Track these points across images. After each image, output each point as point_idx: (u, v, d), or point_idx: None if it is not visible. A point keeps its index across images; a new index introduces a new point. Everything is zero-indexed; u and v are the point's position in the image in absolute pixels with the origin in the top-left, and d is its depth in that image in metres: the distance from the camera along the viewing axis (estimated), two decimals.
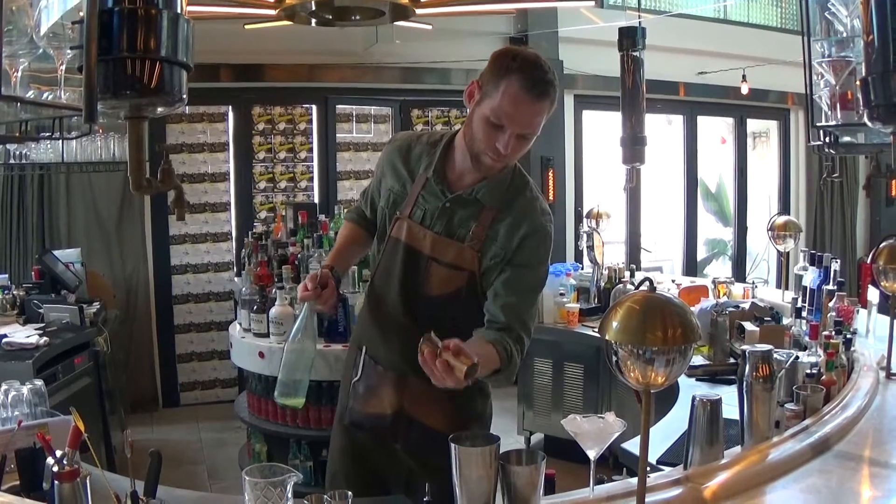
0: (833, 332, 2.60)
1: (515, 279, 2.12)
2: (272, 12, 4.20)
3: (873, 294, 3.32)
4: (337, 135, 6.73)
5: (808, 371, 2.36)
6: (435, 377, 1.80)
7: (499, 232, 2.14)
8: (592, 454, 1.70)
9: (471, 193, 2.15)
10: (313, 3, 4.03)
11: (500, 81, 1.98)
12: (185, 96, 1.43)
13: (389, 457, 2.30)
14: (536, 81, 1.97)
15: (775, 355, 2.02)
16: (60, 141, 4.16)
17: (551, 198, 6.87)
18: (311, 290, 2.13)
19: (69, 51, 1.66)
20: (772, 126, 8.81)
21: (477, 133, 2.05)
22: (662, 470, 1.99)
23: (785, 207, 8.36)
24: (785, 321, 3.52)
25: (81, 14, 1.36)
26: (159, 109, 1.43)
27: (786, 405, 2.16)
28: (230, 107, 6.41)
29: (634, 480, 1.68)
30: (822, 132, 3.00)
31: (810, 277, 3.42)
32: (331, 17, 4.27)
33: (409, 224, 2.20)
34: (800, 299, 3.46)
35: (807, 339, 2.80)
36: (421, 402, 2.21)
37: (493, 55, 2.07)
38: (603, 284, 4.86)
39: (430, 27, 5.18)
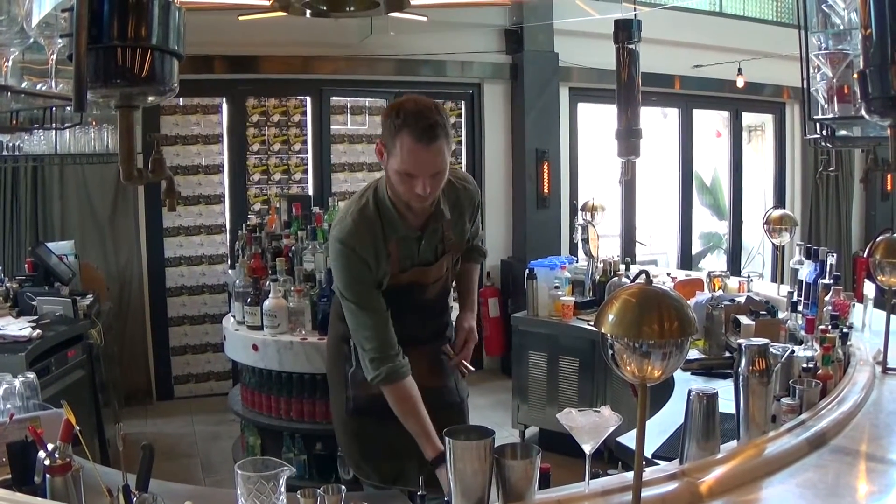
0: (829, 327, 2.59)
1: (476, 225, 2.67)
2: (266, 3, 4.18)
3: (869, 288, 3.32)
4: (331, 127, 6.71)
5: (805, 365, 2.35)
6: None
7: (460, 226, 2.52)
8: (588, 448, 1.69)
9: (439, 220, 2.42)
10: None
11: (395, 140, 2.19)
12: (176, 85, 1.41)
13: (400, 424, 2.34)
14: (423, 130, 2.16)
15: (771, 349, 2.01)
16: (54, 133, 4.14)
17: (546, 191, 6.87)
18: None
19: (59, 39, 1.64)
20: (767, 120, 8.82)
21: (397, 186, 2.27)
22: (658, 464, 1.99)
23: (780, 201, 8.36)
24: (780, 315, 3.52)
25: (73, 2, 1.34)
26: (150, 99, 1.41)
27: (782, 399, 2.16)
28: (224, 98, 6.37)
29: (630, 475, 1.67)
30: (818, 125, 2.99)
31: (806, 271, 3.41)
32: (325, 8, 4.25)
33: (404, 276, 2.39)
34: (795, 293, 3.44)
35: (803, 333, 2.79)
36: (418, 364, 2.39)
37: (383, 114, 2.29)
38: (598, 278, 4.85)
39: (425, 19, 5.16)
